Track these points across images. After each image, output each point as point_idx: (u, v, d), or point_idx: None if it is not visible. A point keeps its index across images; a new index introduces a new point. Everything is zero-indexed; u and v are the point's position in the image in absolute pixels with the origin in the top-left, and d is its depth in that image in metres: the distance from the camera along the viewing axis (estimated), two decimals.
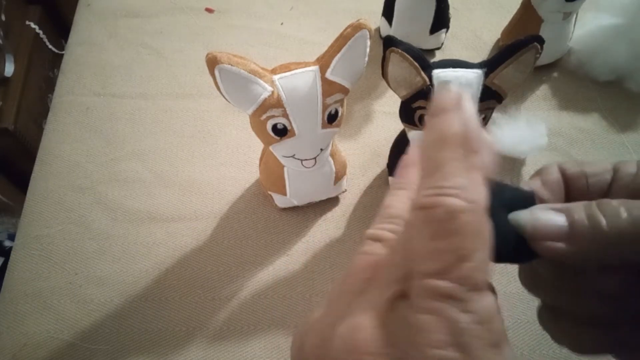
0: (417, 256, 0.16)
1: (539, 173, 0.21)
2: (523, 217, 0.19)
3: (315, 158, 0.41)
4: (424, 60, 0.37)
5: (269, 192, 0.48)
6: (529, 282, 0.22)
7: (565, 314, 0.21)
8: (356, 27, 0.35)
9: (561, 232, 0.18)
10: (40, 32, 0.96)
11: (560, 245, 0.18)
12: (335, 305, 0.19)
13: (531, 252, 0.19)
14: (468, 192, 0.15)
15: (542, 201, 0.20)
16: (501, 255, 0.18)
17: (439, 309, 0.14)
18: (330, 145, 0.43)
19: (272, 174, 0.46)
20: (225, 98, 0.37)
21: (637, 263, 0.18)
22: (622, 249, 0.18)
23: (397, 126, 0.45)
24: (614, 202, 0.18)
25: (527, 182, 0.21)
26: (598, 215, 0.18)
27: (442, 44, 0.62)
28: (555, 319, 0.22)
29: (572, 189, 0.21)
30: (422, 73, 0.37)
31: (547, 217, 0.18)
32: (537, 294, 0.22)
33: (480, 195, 0.16)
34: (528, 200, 0.20)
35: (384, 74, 0.39)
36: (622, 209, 0.18)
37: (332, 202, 0.51)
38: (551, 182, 0.21)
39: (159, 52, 0.63)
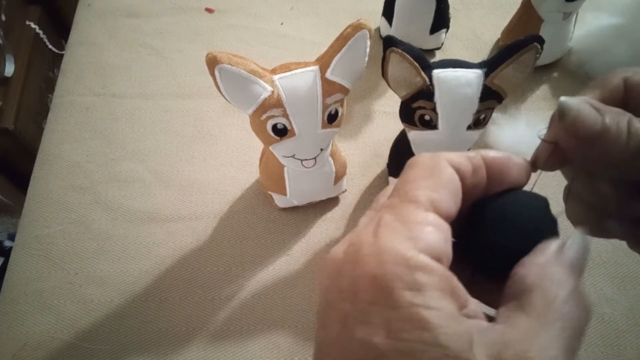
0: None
1: (599, 84, 0.22)
2: (572, 102, 0.20)
3: (315, 158, 0.41)
4: (424, 60, 0.37)
5: (269, 192, 0.48)
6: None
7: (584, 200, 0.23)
8: (356, 27, 0.35)
9: (593, 130, 0.19)
10: (40, 32, 0.96)
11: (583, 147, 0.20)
12: None
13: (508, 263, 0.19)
14: None
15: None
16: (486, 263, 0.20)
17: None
18: (330, 145, 0.43)
19: (272, 174, 0.46)
20: (225, 98, 0.37)
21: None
22: (632, 167, 0.19)
23: (397, 126, 0.45)
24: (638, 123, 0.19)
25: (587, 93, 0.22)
26: (623, 128, 0.19)
27: (442, 44, 0.62)
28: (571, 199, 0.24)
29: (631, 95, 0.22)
30: (422, 73, 0.37)
31: (590, 111, 0.20)
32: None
33: None
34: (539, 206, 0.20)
35: (384, 74, 0.39)
36: None
37: (332, 202, 0.51)
38: (612, 90, 0.22)
39: (159, 52, 0.63)
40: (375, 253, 0.18)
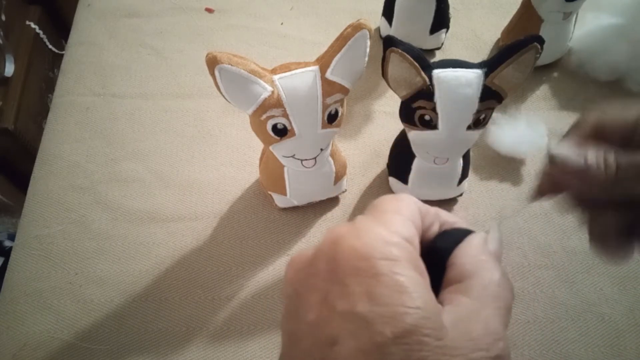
0: None
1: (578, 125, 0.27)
2: (561, 150, 0.26)
3: (315, 158, 0.41)
4: (424, 60, 0.37)
5: (269, 192, 0.48)
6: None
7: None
8: (356, 27, 0.35)
9: (579, 169, 0.25)
10: (40, 32, 0.96)
11: (574, 180, 0.26)
12: None
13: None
14: None
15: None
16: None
17: None
18: (330, 145, 0.43)
19: (272, 174, 0.46)
20: (225, 98, 0.37)
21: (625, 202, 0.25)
22: (612, 191, 0.25)
23: (397, 126, 0.45)
24: (612, 157, 0.24)
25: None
26: (601, 164, 0.24)
27: (442, 44, 0.62)
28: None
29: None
30: (422, 73, 0.37)
31: (574, 155, 0.25)
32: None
33: None
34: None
35: (384, 74, 0.39)
36: (614, 163, 0.24)
37: (332, 202, 0.51)
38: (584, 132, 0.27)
39: (159, 52, 0.63)
40: (353, 232, 0.20)
